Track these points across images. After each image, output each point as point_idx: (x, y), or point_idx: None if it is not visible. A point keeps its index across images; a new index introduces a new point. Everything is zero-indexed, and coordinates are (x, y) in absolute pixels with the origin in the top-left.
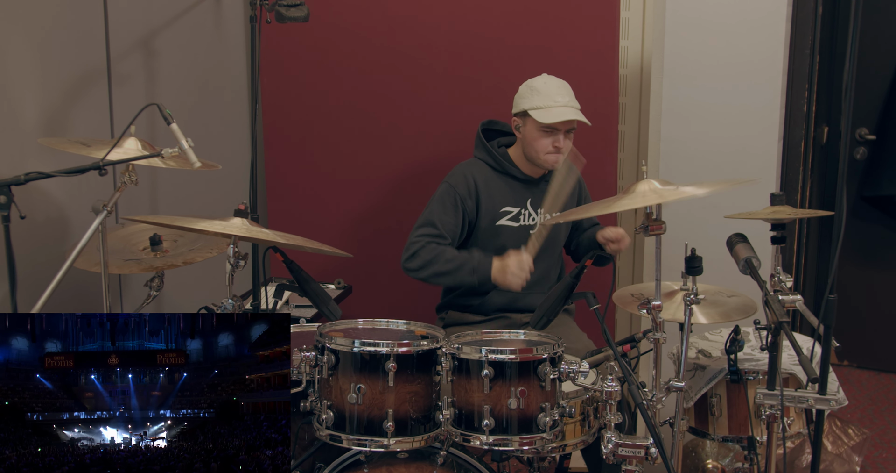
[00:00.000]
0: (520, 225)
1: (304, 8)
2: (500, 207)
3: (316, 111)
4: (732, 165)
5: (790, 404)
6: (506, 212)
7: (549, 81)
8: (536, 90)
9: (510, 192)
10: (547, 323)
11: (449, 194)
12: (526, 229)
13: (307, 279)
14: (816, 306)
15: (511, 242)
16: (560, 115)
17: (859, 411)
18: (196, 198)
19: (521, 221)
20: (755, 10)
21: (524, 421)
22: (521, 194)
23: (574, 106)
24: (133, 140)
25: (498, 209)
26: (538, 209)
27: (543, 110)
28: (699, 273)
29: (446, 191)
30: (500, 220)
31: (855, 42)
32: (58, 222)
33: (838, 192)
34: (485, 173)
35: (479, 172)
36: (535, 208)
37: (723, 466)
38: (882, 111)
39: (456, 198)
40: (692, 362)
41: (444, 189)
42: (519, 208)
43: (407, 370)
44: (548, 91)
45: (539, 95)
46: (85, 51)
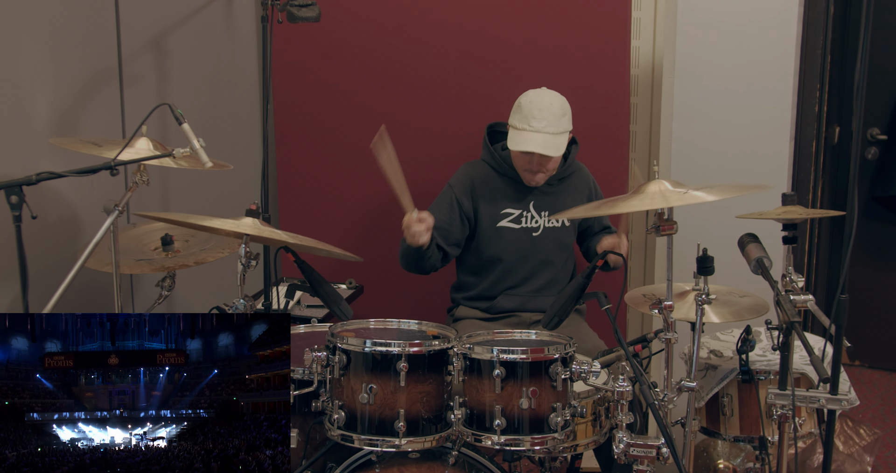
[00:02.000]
0: (521, 227)
1: (315, 8)
2: (501, 208)
3: (327, 111)
4: (744, 165)
5: (802, 404)
6: (507, 213)
7: (535, 100)
8: (520, 107)
9: (512, 193)
10: (559, 323)
11: (446, 194)
12: (528, 231)
13: (319, 280)
14: (828, 306)
15: (513, 244)
16: (523, 143)
17: (871, 411)
18: (208, 198)
19: (523, 223)
20: (767, 11)
21: (536, 421)
22: (523, 197)
23: (549, 132)
24: (144, 140)
25: (499, 211)
26: (542, 212)
27: (515, 131)
28: (711, 273)
29: (445, 191)
30: (500, 221)
31: (866, 42)
32: (69, 222)
33: (850, 192)
34: (486, 175)
35: (480, 174)
36: (538, 211)
37: (734, 466)
38: (893, 111)
39: (452, 198)
40: (704, 362)
41: (444, 189)
42: (521, 210)
43: (418, 370)
44: (528, 112)
45: (519, 114)
46: (96, 51)
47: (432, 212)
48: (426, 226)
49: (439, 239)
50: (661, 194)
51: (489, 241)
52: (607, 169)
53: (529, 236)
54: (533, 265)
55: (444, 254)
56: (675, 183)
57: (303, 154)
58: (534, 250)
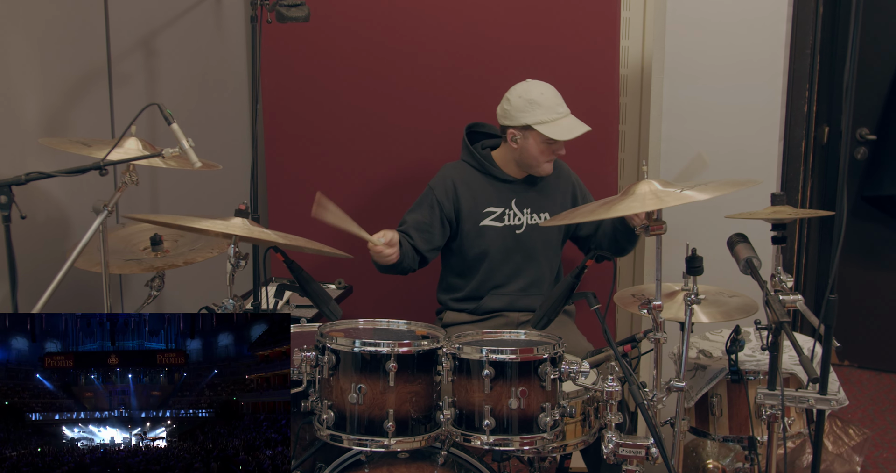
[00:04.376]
0: (504, 225)
1: (304, 8)
2: (483, 207)
3: (317, 111)
4: (733, 164)
5: (791, 404)
6: (489, 212)
7: (545, 91)
8: (536, 103)
9: (494, 192)
10: (548, 323)
11: (427, 196)
12: (511, 229)
13: (308, 279)
14: (817, 306)
15: (495, 242)
16: (571, 130)
17: (860, 411)
18: (197, 198)
19: (506, 221)
20: (756, 10)
21: (525, 421)
22: (505, 195)
23: (570, 113)
24: (133, 140)
25: (481, 210)
26: (524, 209)
27: (551, 125)
28: (700, 273)
29: (425, 193)
30: (483, 220)
31: (856, 42)
32: (58, 222)
33: (839, 192)
34: (467, 175)
35: (460, 174)
36: (520, 209)
37: (723, 466)
38: (883, 111)
39: (433, 199)
40: (693, 362)
41: (425, 191)
42: (503, 209)
43: (407, 370)
44: (548, 103)
45: (541, 108)
46: (85, 51)
47: (413, 212)
48: (392, 245)
49: (419, 240)
50: (653, 195)
51: (473, 240)
52: (596, 169)
53: (513, 233)
54: (517, 263)
55: (422, 258)
56: (665, 183)
57: (292, 154)
58: (518, 247)
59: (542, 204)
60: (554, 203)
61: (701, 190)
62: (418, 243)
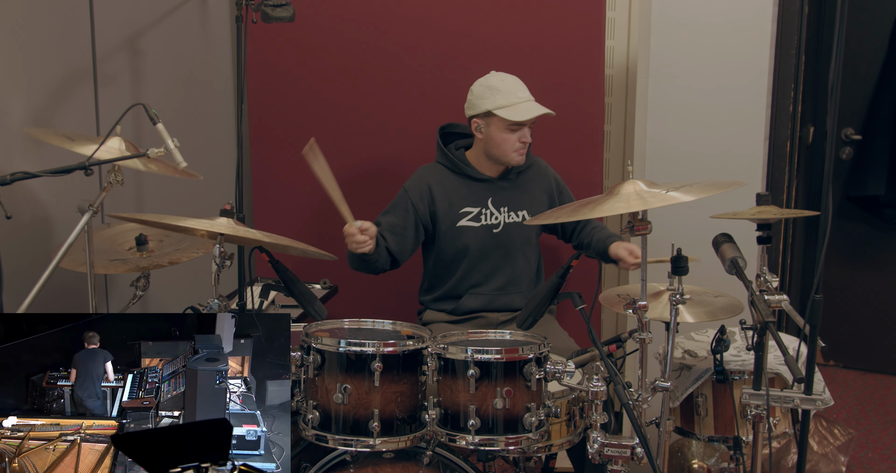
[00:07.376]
0: (481, 225)
1: (289, 8)
2: (459, 208)
3: (302, 111)
4: (718, 165)
5: (776, 404)
6: (466, 213)
7: (505, 79)
8: (496, 89)
9: (469, 193)
10: (533, 323)
11: (402, 199)
12: (488, 228)
13: (293, 279)
14: (802, 306)
15: (473, 242)
16: (529, 111)
17: (845, 411)
18: (182, 198)
19: (483, 220)
20: (741, 10)
21: (510, 421)
22: (481, 194)
23: (533, 99)
24: (117, 140)
25: (457, 211)
26: (500, 208)
27: (510, 108)
28: (685, 273)
29: (400, 195)
30: (460, 221)
31: (841, 42)
32: (43, 221)
33: (824, 192)
34: (442, 177)
35: (435, 176)
36: (496, 207)
37: (709, 466)
38: (868, 111)
39: (407, 202)
40: (678, 362)
41: (399, 193)
42: (479, 208)
43: (393, 370)
44: (508, 88)
45: (500, 93)
46: (70, 51)
47: (388, 214)
48: (369, 235)
49: (392, 242)
50: (637, 195)
51: (450, 241)
52: (581, 169)
53: (490, 232)
54: (495, 261)
55: (394, 259)
56: (650, 183)
57: (277, 154)
58: (495, 246)
59: (519, 202)
60: (531, 200)
61: (686, 191)
62: (391, 244)
